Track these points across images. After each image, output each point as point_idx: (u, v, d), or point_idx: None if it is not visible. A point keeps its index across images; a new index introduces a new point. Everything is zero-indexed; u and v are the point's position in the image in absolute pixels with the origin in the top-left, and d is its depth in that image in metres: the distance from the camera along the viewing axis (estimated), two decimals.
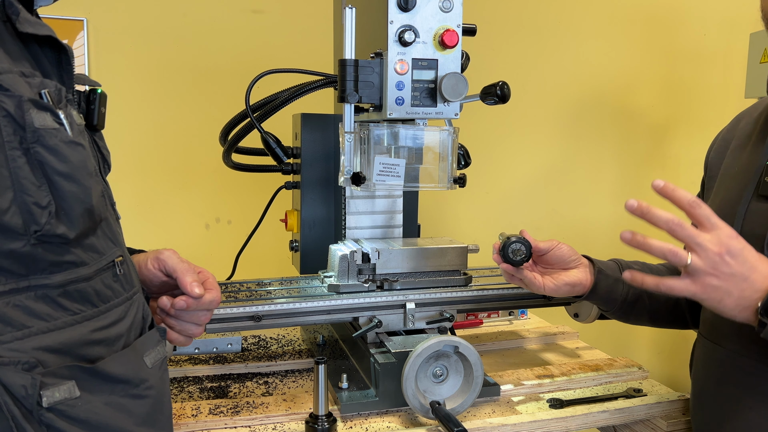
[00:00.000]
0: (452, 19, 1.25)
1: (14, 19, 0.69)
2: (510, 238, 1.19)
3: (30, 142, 0.65)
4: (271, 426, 1.20)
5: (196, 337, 1.00)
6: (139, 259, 0.97)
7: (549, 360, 1.56)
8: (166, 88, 2.17)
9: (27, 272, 0.66)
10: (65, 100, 0.71)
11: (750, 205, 1.09)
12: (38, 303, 0.67)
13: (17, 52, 0.70)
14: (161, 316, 0.97)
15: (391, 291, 1.37)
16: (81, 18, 2.04)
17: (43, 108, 0.66)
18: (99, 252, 0.75)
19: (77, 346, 0.70)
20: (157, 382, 0.80)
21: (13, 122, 0.64)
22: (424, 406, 1.18)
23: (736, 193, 1.14)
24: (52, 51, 0.75)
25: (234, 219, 2.28)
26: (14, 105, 0.64)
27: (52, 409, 0.65)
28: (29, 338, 0.65)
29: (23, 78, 0.67)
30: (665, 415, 1.33)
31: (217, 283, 1.00)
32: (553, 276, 1.22)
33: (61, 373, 0.67)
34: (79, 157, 0.69)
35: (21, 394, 0.63)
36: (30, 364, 0.64)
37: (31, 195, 0.64)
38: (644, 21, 2.72)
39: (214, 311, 1.00)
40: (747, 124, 1.23)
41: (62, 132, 0.68)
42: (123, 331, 0.77)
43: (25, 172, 0.64)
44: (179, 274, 0.93)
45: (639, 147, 2.80)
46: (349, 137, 1.30)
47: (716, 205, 1.21)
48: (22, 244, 0.64)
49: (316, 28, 2.11)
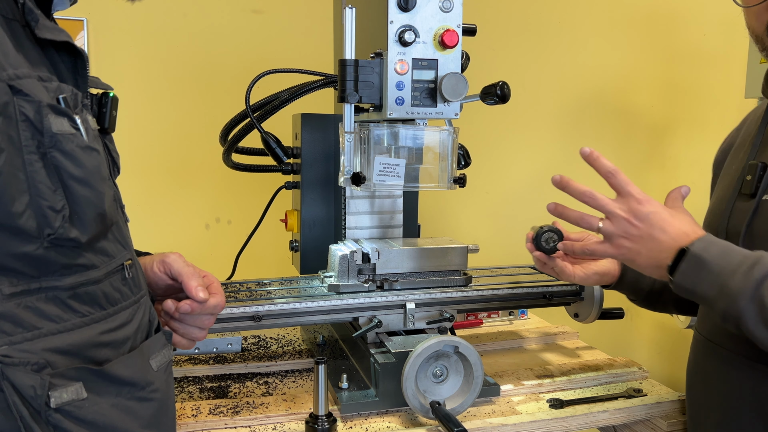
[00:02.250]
0: (452, 19, 1.25)
1: (33, 25, 0.69)
2: (543, 228, 1.26)
3: (47, 147, 0.65)
4: (271, 426, 1.20)
5: (199, 340, 1.01)
6: (144, 261, 0.97)
7: (549, 360, 1.56)
8: (166, 88, 2.17)
9: (39, 274, 0.66)
10: (81, 105, 0.72)
11: (735, 203, 1.13)
12: (49, 305, 0.67)
13: (36, 57, 0.70)
14: (165, 319, 0.98)
15: (391, 291, 1.37)
16: (81, 18, 2.04)
17: (60, 113, 0.67)
18: (109, 255, 0.75)
19: (86, 348, 0.70)
20: (163, 385, 0.80)
21: (31, 127, 0.64)
22: (424, 406, 1.18)
23: (728, 191, 1.17)
24: (69, 56, 0.75)
25: (234, 219, 2.28)
26: (33, 110, 0.64)
27: (60, 409, 0.66)
28: (39, 339, 0.66)
29: (41, 83, 0.67)
30: (665, 415, 1.33)
31: (221, 287, 1.00)
32: (582, 265, 1.28)
33: (70, 375, 0.67)
34: (93, 162, 0.70)
35: (30, 394, 0.63)
36: (39, 365, 0.65)
37: (46, 199, 0.65)
38: (644, 21, 2.72)
39: (217, 315, 1.01)
40: (751, 123, 1.23)
41: (78, 137, 0.68)
42: (130, 333, 0.77)
43: (42, 176, 0.65)
44: (184, 278, 0.94)
45: (638, 147, 2.80)
46: (349, 137, 1.29)
47: (711, 203, 1.22)
48: (36, 246, 0.65)
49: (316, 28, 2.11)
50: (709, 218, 1.21)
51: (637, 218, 0.99)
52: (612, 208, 1.01)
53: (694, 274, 0.94)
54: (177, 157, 2.21)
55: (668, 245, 0.97)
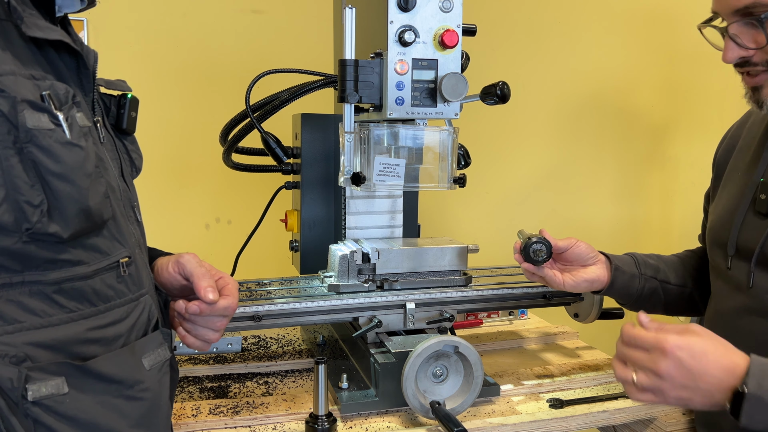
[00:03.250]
0: (452, 19, 1.25)
1: (19, 23, 0.70)
2: (531, 239, 1.23)
3: (23, 142, 0.65)
4: (271, 426, 1.20)
5: (213, 342, 0.98)
6: (162, 261, 0.96)
7: (549, 360, 1.56)
8: (166, 88, 2.17)
9: (22, 268, 0.67)
10: (72, 102, 0.71)
11: (745, 217, 1.13)
12: (33, 299, 0.67)
13: (29, 56, 0.71)
14: (178, 320, 0.97)
15: (391, 291, 1.37)
16: (81, 18, 2.04)
17: (39, 109, 0.67)
18: (102, 252, 0.75)
19: (71, 344, 0.70)
20: (155, 384, 0.79)
21: (6, 122, 0.64)
22: (424, 406, 1.18)
23: (735, 201, 1.17)
24: (71, 55, 0.76)
25: (234, 219, 2.28)
26: (8, 105, 0.65)
27: (39, 403, 0.66)
28: (21, 333, 0.66)
29: (32, 80, 0.67)
30: (665, 415, 1.33)
31: (237, 289, 0.98)
32: (572, 273, 1.27)
33: (50, 369, 0.67)
34: (75, 157, 0.69)
35: (7, 386, 0.64)
36: (18, 357, 0.65)
37: (23, 194, 0.65)
38: (644, 21, 2.72)
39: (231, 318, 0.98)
40: (755, 122, 1.23)
41: (58, 133, 0.68)
42: (123, 331, 0.77)
43: (18, 171, 0.65)
44: (195, 279, 0.92)
45: (639, 147, 2.80)
46: (349, 137, 1.29)
47: (718, 211, 1.22)
48: (14, 241, 0.65)
49: (316, 28, 2.11)
50: (716, 229, 1.22)
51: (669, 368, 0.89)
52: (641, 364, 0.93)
53: (761, 415, 0.86)
54: (177, 157, 2.21)
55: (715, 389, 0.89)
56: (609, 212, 2.74)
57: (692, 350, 0.89)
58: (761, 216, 1.11)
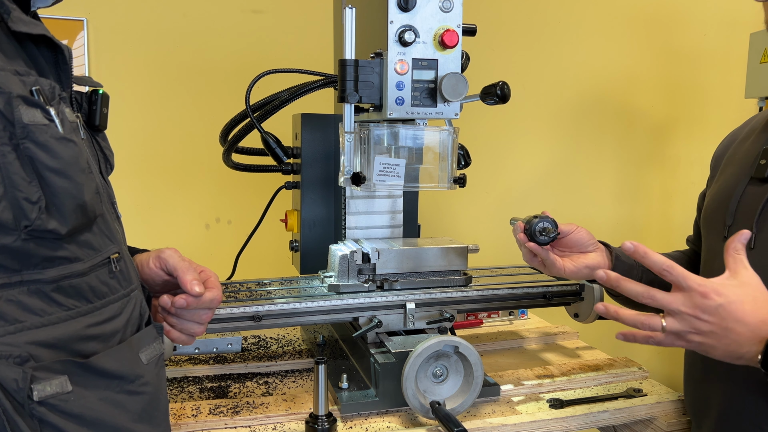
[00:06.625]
0: (452, 19, 1.25)
1: (6, 18, 0.69)
2: (536, 218, 1.19)
3: (20, 138, 0.65)
4: (271, 426, 1.20)
5: (198, 335, 1.00)
6: (141, 258, 0.97)
7: (549, 360, 1.56)
8: (166, 88, 2.17)
9: (20, 267, 0.66)
10: (58, 97, 0.71)
11: (747, 188, 1.11)
12: (32, 298, 0.67)
13: (12, 51, 0.70)
14: (163, 315, 0.97)
15: (391, 291, 1.37)
16: (81, 18, 2.04)
17: (32, 104, 0.67)
18: (94, 248, 0.75)
19: (71, 342, 0.70)
20: (153, 378, 0.80)
21: (2, 118, 0.64)
22: (424, 406, 1.18)
23: (735, 177, 1.16)
24: (49, 50, 0.75)
25: (234, 219, 2.28)
26: (4, 101, 0.64)
27: (44, 403, 0.66)
28: (22, 333, 0.66)
29: (17, 76, 0.67)
30: (665, 415, 1.33)
31: (219, 282, 0.99)
32: (572, 259, 1.25)
33: (54, 368, 0.67)
34: (70, 153, 0.69)
35: (12, 387, 0.64)
36: (22, 358, 0.65)
37: (21, 190, 0.65)
38: (644, 21, 2.72)
39: (215, 310, 1.00)
40: (758, 122, 1.24)
41: (52, 128, 0.68)
42: (119, 327, 0.77)
43: (15, 167, 0.65)
44: (179, 273, 0.93)
45: (639, 147, 2.80)
46: (349, 137, 1.29)
47: (715, 190, 1.21)
48: (13, 239, 0.65)
49: (316, 28, 2.11)
50: (714, 203, 1.20)
51: (705, 313, 0.90)
52: (675, 306, 0.92)
53: None
54: (177, 157, 2.21)
55: (748, 337, 0.89)
56: (609, 211, 2.75)
57: (730, 299, 0.89)
58: (759, 182, 1.08)
